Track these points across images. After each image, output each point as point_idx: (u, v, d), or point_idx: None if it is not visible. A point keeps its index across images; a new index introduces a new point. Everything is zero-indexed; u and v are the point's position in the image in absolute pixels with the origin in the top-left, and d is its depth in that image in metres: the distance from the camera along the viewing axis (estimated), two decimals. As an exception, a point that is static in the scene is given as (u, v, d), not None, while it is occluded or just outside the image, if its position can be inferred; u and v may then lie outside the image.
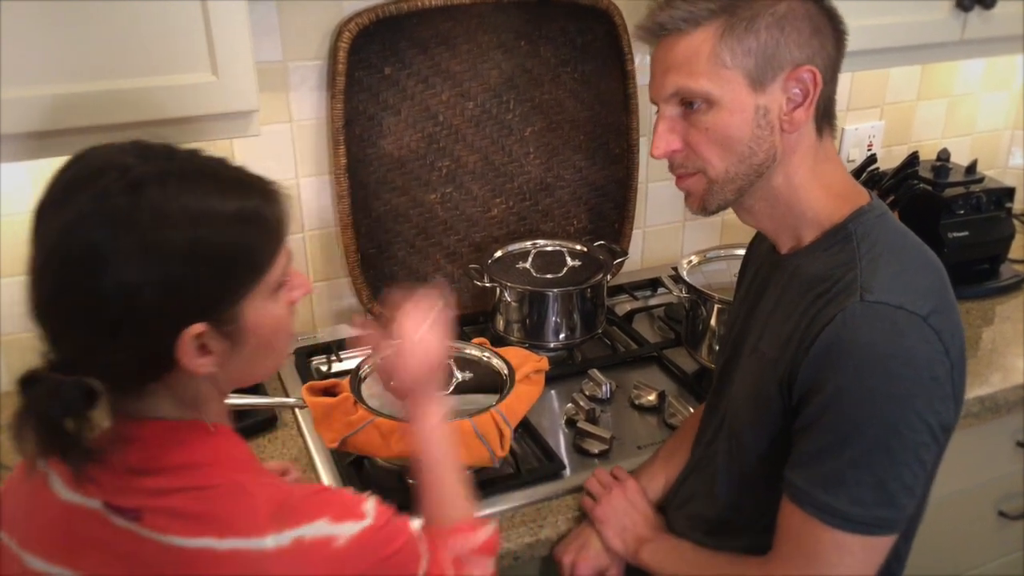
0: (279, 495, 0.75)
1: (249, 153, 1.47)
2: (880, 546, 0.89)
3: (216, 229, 0.71)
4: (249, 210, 0.74)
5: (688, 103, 0.91)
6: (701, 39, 0.89)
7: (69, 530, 0.76)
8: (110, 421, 0.77)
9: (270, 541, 0.71)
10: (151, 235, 0.68)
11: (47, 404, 0.71)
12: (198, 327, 0.71)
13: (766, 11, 0.88)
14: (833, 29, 0.92)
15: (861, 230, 0.93)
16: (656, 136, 0.94)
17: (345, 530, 0.75)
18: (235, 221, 0.73)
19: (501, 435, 1.11)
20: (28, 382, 0.72)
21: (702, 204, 0.97)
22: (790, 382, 0.91)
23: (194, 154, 0.76)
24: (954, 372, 0.89)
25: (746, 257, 1.18)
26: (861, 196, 0.97)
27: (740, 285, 1.16)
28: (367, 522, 0.77)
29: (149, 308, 0.69)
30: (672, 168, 0.98)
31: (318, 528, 0.73)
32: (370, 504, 0.79)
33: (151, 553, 0.72)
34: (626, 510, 1.14)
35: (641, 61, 1.69)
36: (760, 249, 1.10)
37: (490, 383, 1.22)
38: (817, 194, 0.95)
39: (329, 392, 1.17)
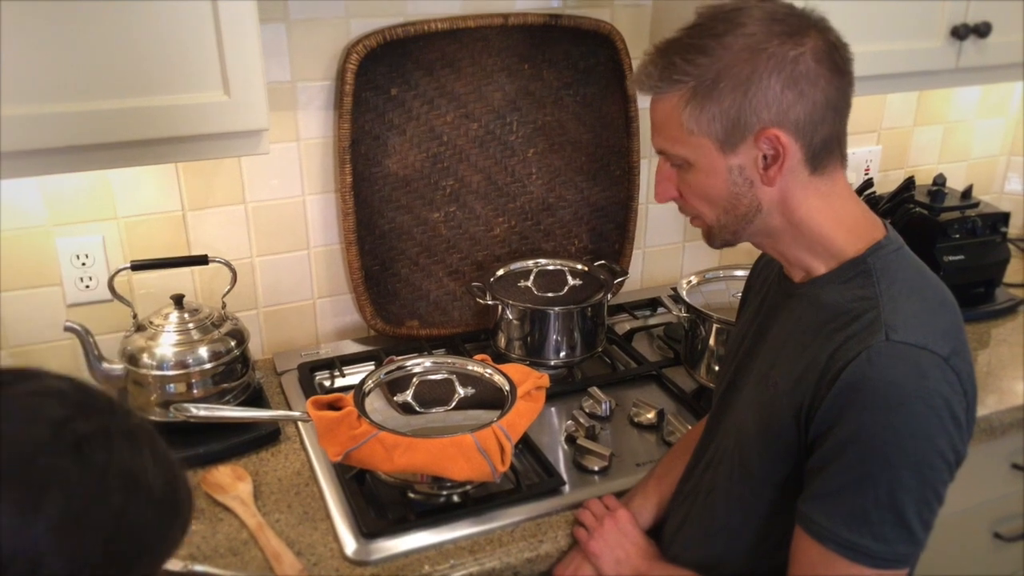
0: None
1: (257, 171, 1.50)
2: None
3: (149, 508, 0.65)
4: (174, 494, 0.68)
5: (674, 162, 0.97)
6: (671, 105, 0.92)
7: None
8: None
9: None
10: (82, 505, 0.61)
11: None
12: None
13: (729, 73, 0.89)
14: (828, 70, 0.90)
15: (880, 265, 0.93)
16: (655, 184, 1.01)
17: None
18: (160, 507, 0.67)
19: (502, 450, 1.13)
20: None
21: (711, 242, 1.03)
22: (808, 416, 0.91)
23: (128, 415, 0.68)
24: (969, 411, 0.90)
25: (750, 278, 1.19)
26: (877, 229, 0.97)
27: (744, 306, 1.17)
28: None
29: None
30: (680, 209, 1.03)
31: None
32: None
33: None
34: (619, 542, 1.14)
35: (642, 85, 1.72)
36: (768, 272, 1.11)
37: (492, 399, 1.23)
38: (828, 228, 0.95)
39: (333, 406, 1.18)
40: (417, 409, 1.22)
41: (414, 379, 1.27)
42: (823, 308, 0.94)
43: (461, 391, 1.24)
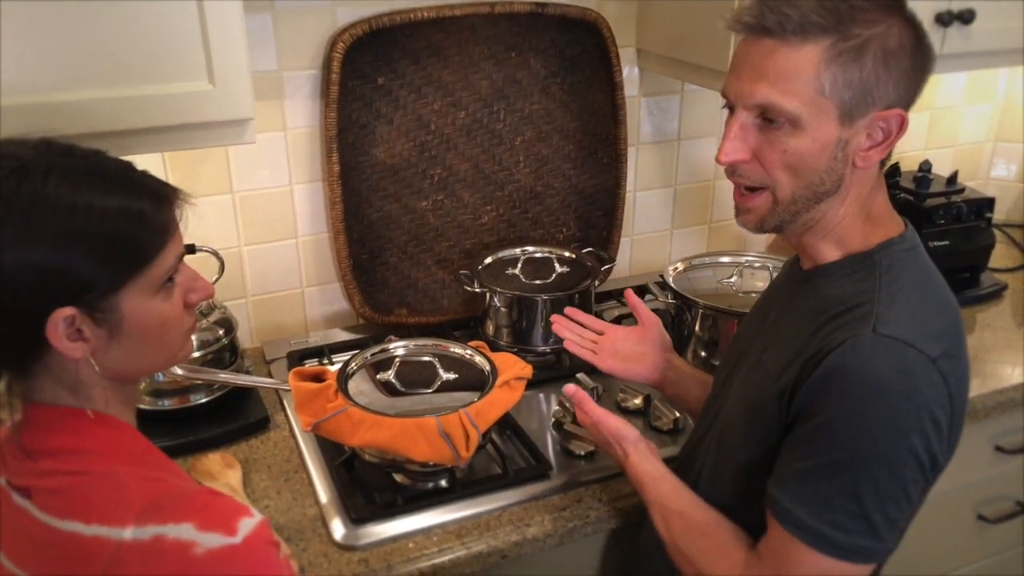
0: (155, 490, 0.76)
1: (244, 160, 1.51)
2: (859, 573, 0.89)
3: (91, 220, 0.74)
4: (130, 207, 0.77)
5: (769, 119, 0.88)
6: (806, 57, 0.85)
7: None
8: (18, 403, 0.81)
9: (129, 533, 0.72)
10: (24, 220, 0.72)
11: None
12: (66, 311, 0.74)
13: (877, 42, 0.85)
14: (925, 66, 0.90)
15: (887, 261, 0.93)
16: (726, 141, 0.91)
17: (208, 540, 0.72)
18: (113, 215, 0.75)
19: (467, 437, 1.13)
20: None
21: (760, 223, 0.95)
22: (790, 398, 0.92)
23: (95, 154, 0.79)
24: (954, 418, 0.89)
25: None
26: (896, 226, 0.97)
27: (763, 293, 1.18)
28: (234, 540, 0.73)
29: (17, 289, 0.73)
30: (731, 175, 0.95)
31: (182, 531, 0.72)
32: (249, 523, 0.75)
33: (37, 531, 0.75)
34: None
35: (629, 73, 1.72)
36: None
37: (477, 382, 1.24)
38: (858, 222, 0.95)
39: (318, 378, 1.20)
40: (401, 390, 1.23)
41: (397, 360, 1.28)
42: (822, 298, 0.94)
43: (444, 374, 1.25)
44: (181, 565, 0.71)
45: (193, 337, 1.32)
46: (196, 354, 1.33)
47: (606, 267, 1.66)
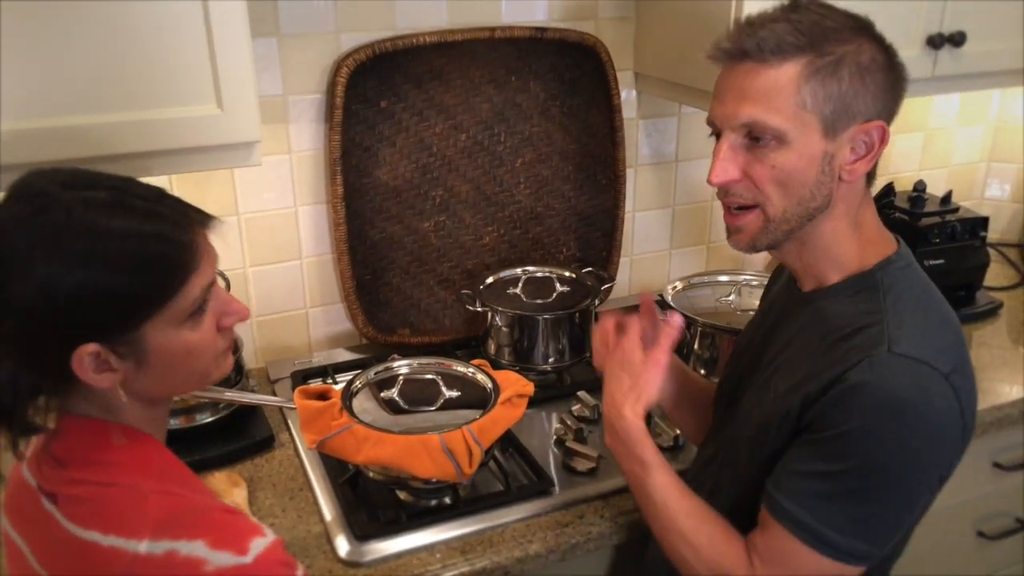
0: (173, 505, 0.77)
1: (250, 182, 1.53)
2: (851, 573, 0.91)
3: (111, 244, 0.74)
4: (148, 249, 0.77)
5: (756, 137, 0.91)
6: (785, 75, 0.88)
7: (22, 505, 0.83)
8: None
9: (144, 547, 0.73)
10: (45, 252, 0.73)
11: None
12: (90, 347, 0.76)
13: (851, 57, 0.89)
14: (899, 84, 0.93)
15: (888, 280, 0.95)
16: (716, 162, 0.94)
17: (218, 559, 0.73)
18: (133, 239, 0.76)
19: (471, 453, 1.15)
20: None
21: (752, 242, 0.97)
22: (799, 414, 0.93)
23: (124, 182, 0.79)
24: (964, 432, 0.91)
25: (768, 284, 1.21)
26: (889, 244, 0.99)
27: (759, 311, 1.19)
28: (244, 559, 0.74)
29: (41, 326, 0.75)
30: (724, 196, 0.97)
31: (194, 548, 0.73)
32: (261, 543, 0.76)
33: (61, 536, 0.77)
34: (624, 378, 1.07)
35: (627, 96, 1.75)
36: (780, 279, 1.13)
37: (479, 400, 1.26)
38: (851, 240, 0.97)
39: (323, 396, 1.22)
40: (405, 408, 1.24)
41: (400, 378, 1.29)
42: (828, 320, 0.96)
43: (447, 392, 1.26)
44: None
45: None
46: (202, 373, 1.35)
47: (606, 287, 1.68)
